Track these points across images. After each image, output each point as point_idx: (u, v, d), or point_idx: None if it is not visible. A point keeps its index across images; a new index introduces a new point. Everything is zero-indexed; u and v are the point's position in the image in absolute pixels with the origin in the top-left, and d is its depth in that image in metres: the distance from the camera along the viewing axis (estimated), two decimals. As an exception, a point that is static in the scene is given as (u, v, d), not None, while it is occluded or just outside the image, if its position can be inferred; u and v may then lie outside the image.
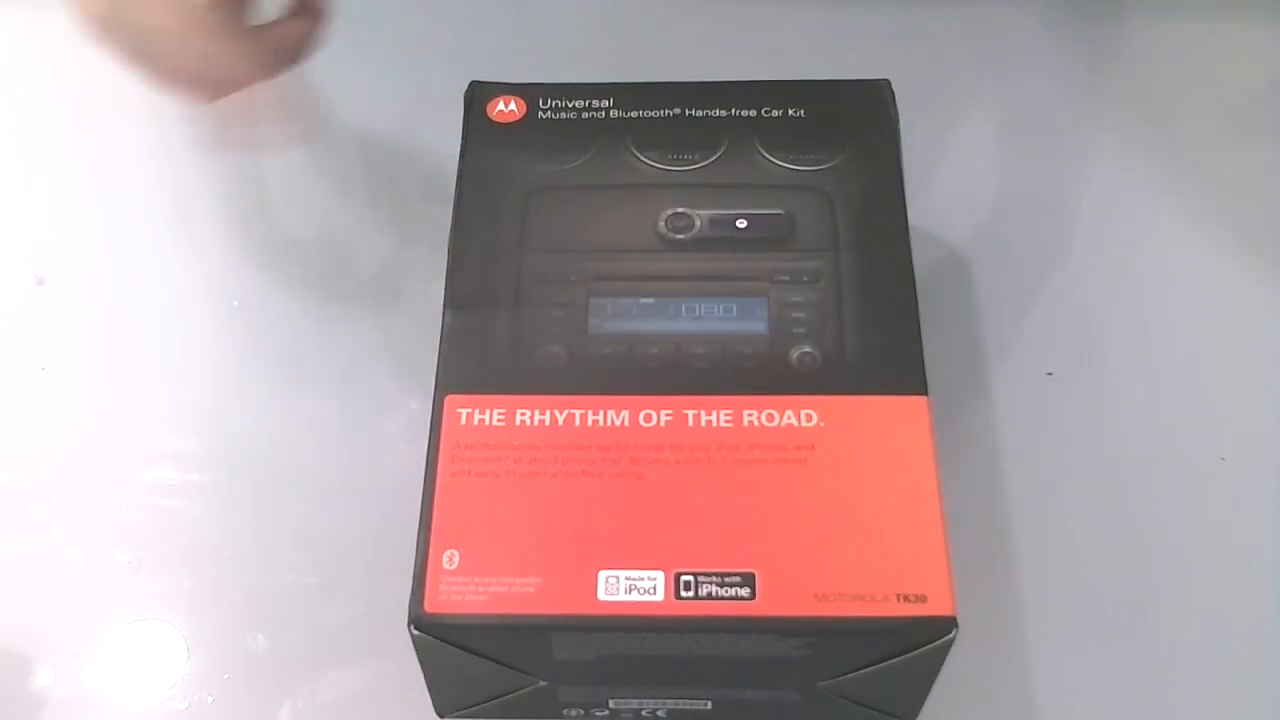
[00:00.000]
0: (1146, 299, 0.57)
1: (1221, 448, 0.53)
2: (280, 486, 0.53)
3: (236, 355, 0.56)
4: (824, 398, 0.44)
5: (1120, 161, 0.62)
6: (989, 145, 0.62)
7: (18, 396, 0.56)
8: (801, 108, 0.52)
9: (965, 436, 0.52)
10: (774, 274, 0.47)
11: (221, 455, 0.54)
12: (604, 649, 0.42)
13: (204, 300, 0.57)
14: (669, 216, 0.49)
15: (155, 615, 0.50)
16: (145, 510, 0.52)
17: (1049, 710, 0.47)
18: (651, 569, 0.41)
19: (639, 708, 0.46)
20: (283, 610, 0.50)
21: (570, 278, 0.47)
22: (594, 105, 0.52)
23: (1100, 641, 0.49)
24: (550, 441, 0.43)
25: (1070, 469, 0.52)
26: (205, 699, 0.48)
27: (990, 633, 0.48)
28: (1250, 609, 0.49)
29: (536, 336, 0.46)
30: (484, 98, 0.52)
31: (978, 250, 0.58)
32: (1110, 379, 0.55)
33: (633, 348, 0.45)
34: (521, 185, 0.50)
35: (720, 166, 0.50)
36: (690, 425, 0.43)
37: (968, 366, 0.55)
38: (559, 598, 0.40)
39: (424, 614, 0.40)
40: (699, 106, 0.52)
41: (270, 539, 0.51)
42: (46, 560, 0.51)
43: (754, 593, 0.40)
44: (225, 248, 0.59)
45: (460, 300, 0.47)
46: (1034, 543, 0.50)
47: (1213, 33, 0.66)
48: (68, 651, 0.49)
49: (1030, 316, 0.57)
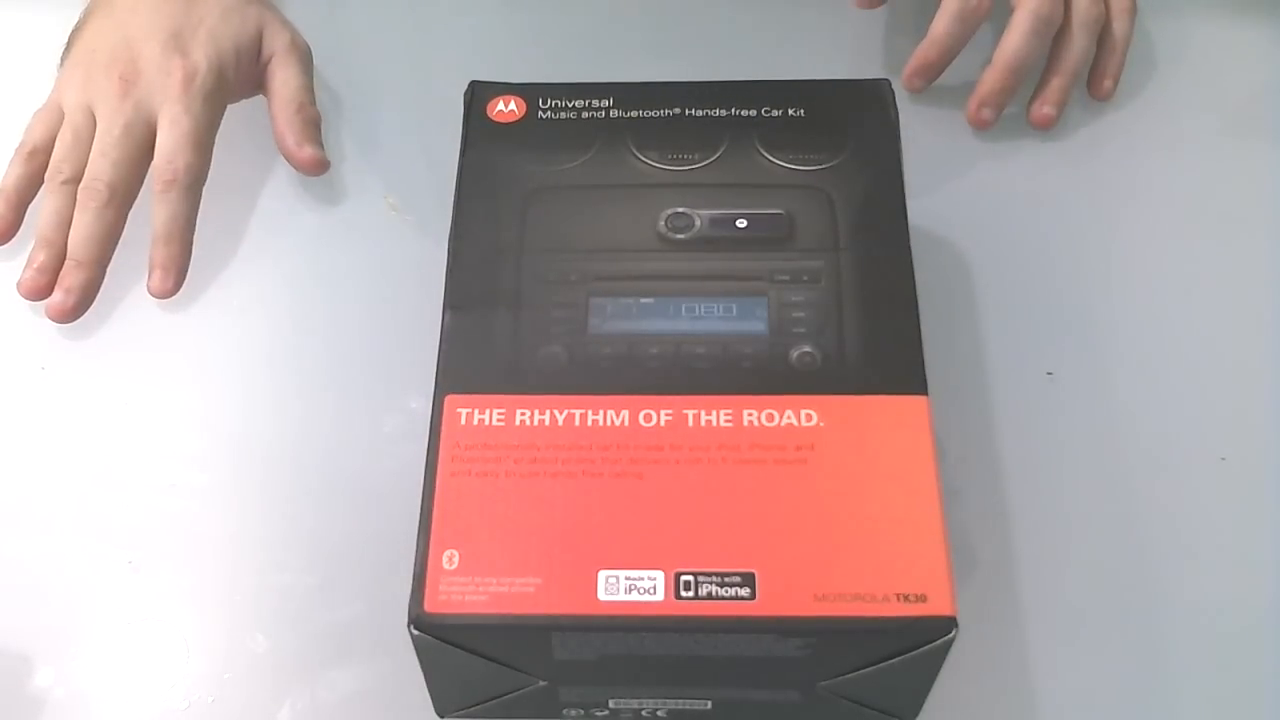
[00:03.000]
0: (1146, 299, 0.57)
1: (1221, 448, 0.53)
2: (280, 486, 0.53)
3: (236, 355, 0.56)
4: (824, 398, 0.44)
5: (1120, 161, 0.62)
6: (989, 145, 0.62)
7: (18, 396, 0.56)
8: (801, 108, 0.52)
9: (965, 436, 0.52)
10: (774, 274, 0.47)
11: (221, 455, 0.54)
12: (604, 649, 0.42)
13: (204, 300, 0.57)
14: (669, 216, 0.49)
15: (155, 615, 0.50)
16: (145, 510, 0.52)
17: (1049, 710, 0.47)
18: (651, 569, 0.41)
19: (639, 708, 0.46)
20: (283, 610, 0.50)
21: (570, 278, 0.47)
22: (594, 105, 0.52)
23: (1100, 641, 0.49)
24: (550, 441, 0.43)
25: (1070, 469, 0.52)
26: (205, 699, 0.48)
27: (990, 633, 0.48)
28: (1250, 609, 0.49)
29: (536, 336, 0.46)
30: (484, 98, 0.52)
31: (978, 250, 0.58)
32: (1110, 379, 0.55)
33: (633, 348, 0.45)
34: (521, 185, 0.50)
35: (720, 166, 0.50)
36: (690, 425, 0.43)
37: (968, 366, 0.55)
38: (559, 598, 0.40)
39: (424, 614, 0.40)
40: (699, 106, 0.52)
41: (270, 539, 0.51)
42: (46, 560, 0.51)
43: (754, 593, 0.40)
44: (225, 248, 0.59)
45: (460, 300, 0.47)
46: (1034, 543, 0.50)
47: (1213, 33, 0.66)
48: (68, 651, 0.49)
49: (1030, 316, 0.57)
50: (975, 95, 0.61)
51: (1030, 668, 0.48)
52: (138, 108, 0.56)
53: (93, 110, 0.57)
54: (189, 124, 0.56)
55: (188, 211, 0.56)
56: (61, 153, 0.57)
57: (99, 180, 0.55)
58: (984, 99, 0.61)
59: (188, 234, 0.56)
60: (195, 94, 0.56)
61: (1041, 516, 0.51)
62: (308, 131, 0.59)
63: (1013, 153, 0.62)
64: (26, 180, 0.57)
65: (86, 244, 0.55)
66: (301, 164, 0.59)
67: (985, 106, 0.61)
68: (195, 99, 0.56)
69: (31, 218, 0.57)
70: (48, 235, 0.56)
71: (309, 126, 0.59)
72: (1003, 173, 0.61)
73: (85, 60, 0.58)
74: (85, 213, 0.55)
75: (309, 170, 0.59)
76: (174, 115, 0.56)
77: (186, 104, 0.56)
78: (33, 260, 0.55)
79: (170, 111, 0.56)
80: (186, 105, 0.56)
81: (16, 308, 0.56)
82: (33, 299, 0.55)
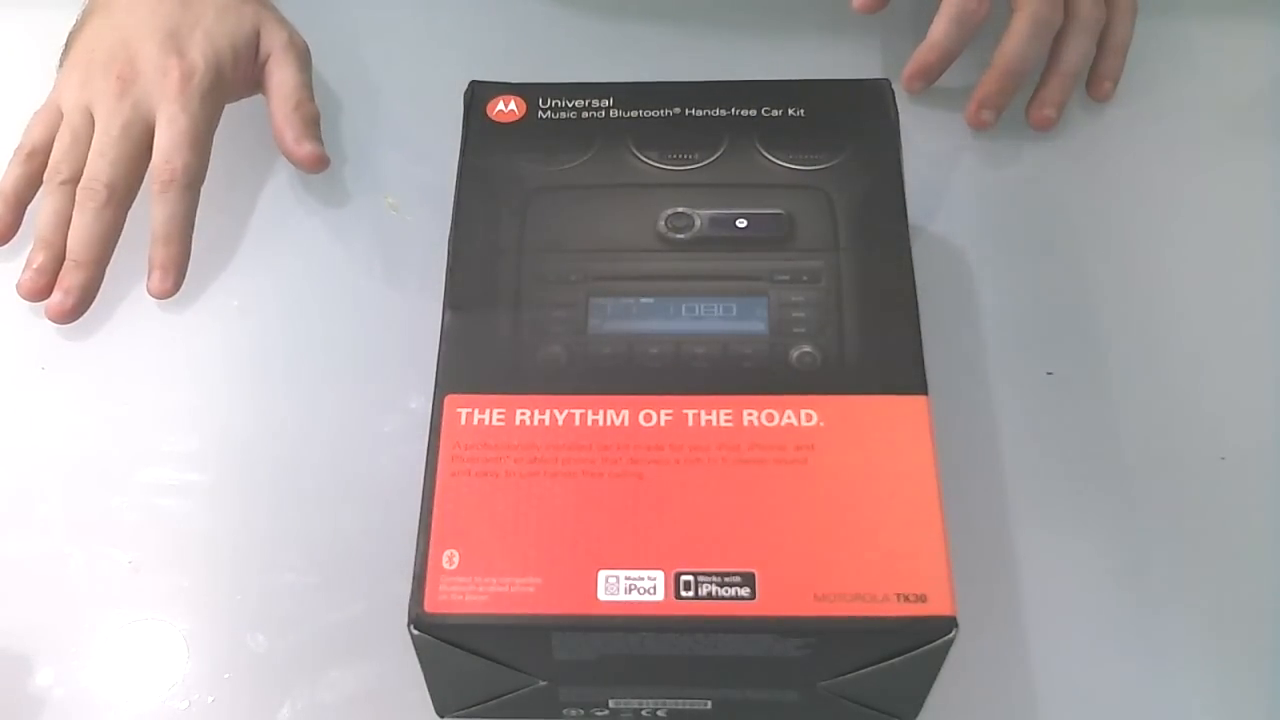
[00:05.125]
0: (1146, 299, 0.57)
1: (1221, 448, 0.53)
2: (280, 486, 0.53)
3: (236, 355, 0.56)
4: (824, 398, 0.44)
5: (1120, 161, 0.62)
6: (989, 145, 0.62)
7: (18, 396, 0.56)
8: (801, 107, 0.52)
9: (965, 436, 0.52)
10: (774, 274, 0.47)
11: (221, 455, 0.54)
12: (604, 649, 0.42)
13: (203, 300, 0.57)
14: (669, 216, 0.49)
15: (155, 615, 0.50)
16: (145, 510, 0.52)
17: (1049, 710, 0.47)
18: (651, 569, 0.41)
19: (639, 708, 0.46)
20: (283, 610, 0.50)
21: (570, 278, 0.47)
22: (594, 105, 0.52)
23: (1100, 641, 0.49)
24: (550, 441, 0.43)
25: (1070, 469, 0.52)
26: (205, 699, 0.48)
27: (990, 633, 0.48)
28: (1250, 609, 0.49)
29: (536, 336, 0.46)
30: (484, 98, 0.52)
31: (978, 250, 0.58)
32: (1110, 379, 0.55)
33: (633, 348, 0.45)
34: (521, 185, 0.50)
35: (720, 166, 0.50)
36: (690, 425, 0.43)
37: (968, 366, 0.55)
38: (559, 598, 0.40)
39: (424, 614, 0.40)
40: (699, 106, 0.52)
41: (270, 539, 0.51)
42: (46, 560, 0.51)
43: (754, 592, 0.40)
44: (225, 248, 0.59)
45: (460, 300, 0.47)
46: (1034, 543, 0.50)
47: (1213, 33, 0.66)
48: (68, 651, 0.49)
49: (1030, 316, 0.57)
50: (975, 97, 0.61)
51: (1030, 668, 0.48)
52: (135, 107, 0.56)
53: (91, 110, 0.57)
54: (186, 123, 0.56)
55: (186, 211, 0.56)
56: (60, 153, 0.57)
57: (97, 180, 0.55)
58: (983, 101, 0.61)
59: (187, 234, 0.56)
60: (193, 93, 0.56)
61: (1041, 516, 0.51)
62: (306, 128, 0.59)
63: (1013, 153, 0.62)
64: (25, 181, 0.57)
65: (85, 244, 0.55)
66: (301, 160, 0.59)
67: (985, 109, 0.61)
68: (193, 98, 0.56)
69: (31, 218, 0.57)
70: (47, 236, 0.56)
71: (308, 123, 0.59)
72: (1003, 173, 0.61)
73: (84, 60, 0.58)
74: (84, 213, 0.55)
75: (309, 167, 0.59)
76: (171, 114, 0.56)
77: (184, 103, 0.56)
78: (32, 261, 0.55)
79: (168, 111, 0.56)
80: (184, 104, 0.56)
81: (16, 308, 0.56)
82: (32, 300, 0.55)
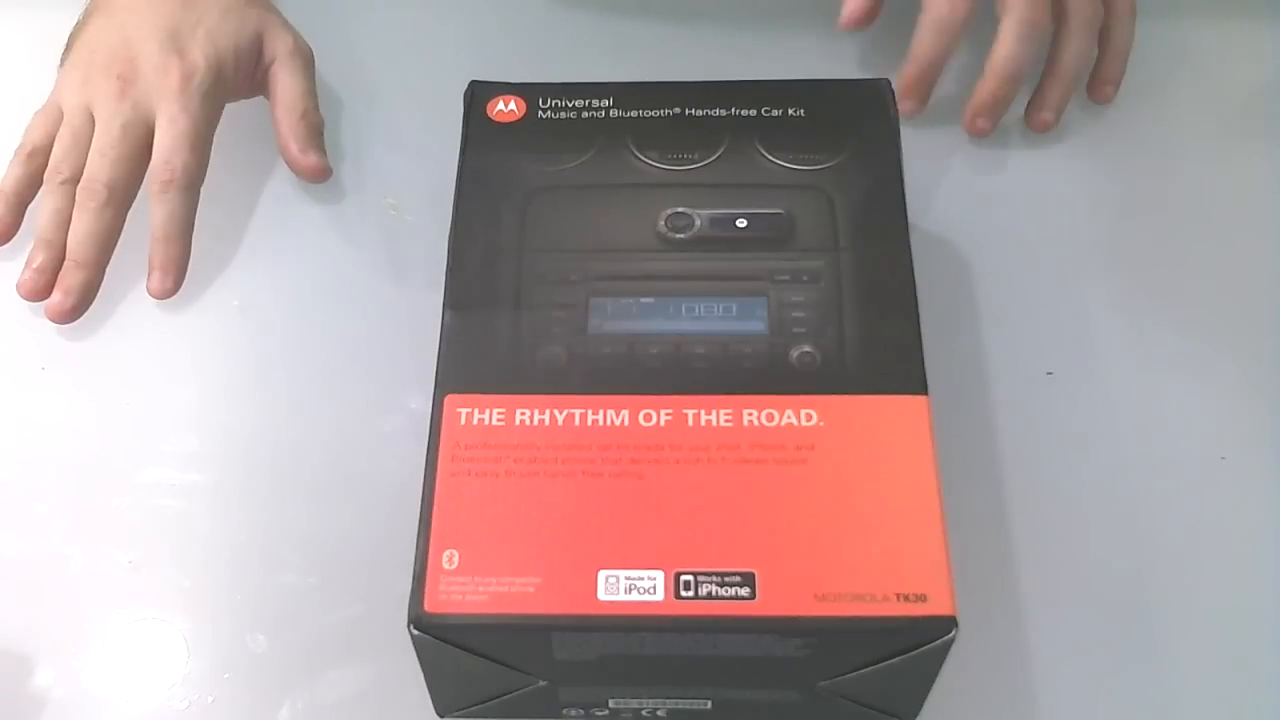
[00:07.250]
0: (1146, 299, 0.57)
1: (1221, 448, 0.53)
2: (280, 486, 0.53)
3: (237, 355, 0.56)
4: (824, 398, 0.44)
5: (1120, 162, 0.62)
6: (989, 145, 0.62)
7: (18, 396, 0.56)
8: (801, 107, 0.52)
9: (965, 436, 0.52)
10: (774, 274, 0.47)
11: (221, 455, 0.54)
12: (604, 649, 0.42)
13: (203, 300, 0.57)
14: (669, 216, 0.49)
15: (155, 615, 0.50)
16: (145, 510, 0.52)
17: (1049, 710, 0.47)
18: (651, 569, 0.41)
19: (639, 708, 0.46)
20: (283, 610, 0.50)
21: (570, 278, 0.47)
22: (594, 105, 0.52)
23: (1100, 641, 0.49)
24: (550, 441, 0.43)
25: (1070, 469, 0.52)
26: (205, 699, 0.48)
27: (990, 633, 0.48)
28: (1250, 608, 0.49)
29: (536, 336, 0.46)
30: (484, 97, 0.52)
31: (978, 250, 0.58)
32: (1110, 379, 0.55)
33: (633, 348, 0.45)
34: (521, 185, 0.50)
35: (720, 166, 0.50)
36: (690, 425, 0.43)
37: (968, 366, 0.55)
38: (559, 597, 0.40)
39: (424, 614, 0.40)
40: (699, 106, 0.52)
41: (270, 539, 0.51)
42: (46, 560, 0.51)
43: (754, 592, 0.40)
44: (224, 248, 0.59)
45: (460, 300, 0.47)
46: (1034, 543, 0.50)
47: (1213, 33, 0.66)
48: (68, 651, 0.49)
49: (1030, 316, 0.57)
50: (970, 105, 0.60)
51: (1030, 668, 0.48)
52: (136, 107, 0.56)
53: (92, 110, 0.57)
54: (186, 123, 0.56)
55: (186, 211, 0.56)
56: (60, 153, 0.57)
57: (97, 180, 0.55)
58: (978, 109, 0.60)
59: (186, 234, 0.56)
60: (193, 93, 0.56)
61: (1041, 516, 0.51)
62: (311, 138, 0.59)
63: (1012, 153, 0.62)
64: (26, 181, 0.57)
65: (85, 244, 0.55)
66: (305, 171, 0.59)
67: (980, 116, 0.60)
68: (193, 98, 0.56)
69: (31, 218, 0.57)
70: (47, 236, 0.56)
71: (312, 133, 0.59)
72: (1003, 173, 0.61)
73: (84, 61, 0.58)
74: (84, 213, 0.55)
75: (312, 178, 0.59)
76: (171, 114, 0.56)
77: (184, 103, 0.56)
78: (32, 260, 0.55)
79: (168, 111, 0.56)
80: (184, 104, 0.56)
81: (16, 308, 0.56)
82: (32, 299, 0.55)
